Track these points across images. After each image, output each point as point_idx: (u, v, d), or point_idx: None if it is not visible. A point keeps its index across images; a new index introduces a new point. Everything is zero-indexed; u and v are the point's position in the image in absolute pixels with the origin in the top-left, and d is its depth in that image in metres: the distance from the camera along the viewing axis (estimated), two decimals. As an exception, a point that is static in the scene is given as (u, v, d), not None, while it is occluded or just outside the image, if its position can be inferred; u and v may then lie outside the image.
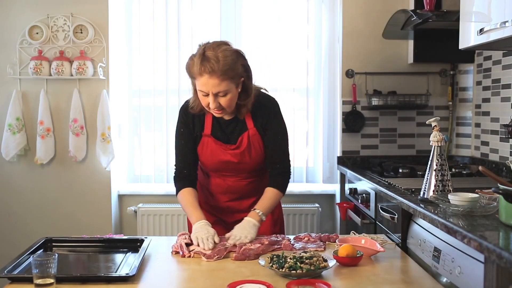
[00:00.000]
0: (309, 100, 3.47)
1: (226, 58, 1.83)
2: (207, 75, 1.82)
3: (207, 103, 1.90)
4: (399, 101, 3.24)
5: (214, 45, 1.86)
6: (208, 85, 1.84)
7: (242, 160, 2.02)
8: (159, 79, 3.45)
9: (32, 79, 3.32)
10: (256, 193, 2.09)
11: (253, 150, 2.03)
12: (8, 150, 3.30)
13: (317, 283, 1.45)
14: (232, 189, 2.10)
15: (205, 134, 2.03)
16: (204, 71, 1.82)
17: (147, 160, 3.52)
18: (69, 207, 3.41)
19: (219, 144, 2.02)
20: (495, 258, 1.20)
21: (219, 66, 1.81)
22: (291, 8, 3.44)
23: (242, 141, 2.02)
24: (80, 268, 1.76)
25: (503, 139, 2.72)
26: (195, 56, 1.87)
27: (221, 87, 1.84)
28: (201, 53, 1.83)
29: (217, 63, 1.81)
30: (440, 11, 2.73)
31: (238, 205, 2.12)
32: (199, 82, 1.86)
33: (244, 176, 2.09)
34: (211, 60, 1.81)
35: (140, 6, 3.44)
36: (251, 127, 2.02)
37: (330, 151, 3.48)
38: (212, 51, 1.83)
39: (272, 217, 2.15)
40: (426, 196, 1.83)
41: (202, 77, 1.83)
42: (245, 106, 1.98)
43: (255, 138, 2.03)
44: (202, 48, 1.86)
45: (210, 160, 2.05)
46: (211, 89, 1.84)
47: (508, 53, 2.68)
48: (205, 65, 1.81)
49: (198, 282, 1.54)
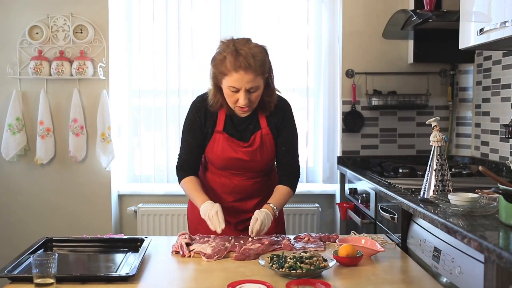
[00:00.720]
0: (309, 100, 3.47)
1: (259, 54, 1.87)
2: (243, 71, 1.83)
3: (235, 99, 1.91)
4: (399, 101, 3.24)
5: (243, 41, 1.89)
6: (243, 81, 1.85)
7: (253, 158, 2.03)
8: (159, 79, 3.45)
9: (32, 79, 3.32)
10: (261, 193, 2.11)
11: (264, 150, 2.04)
12: (8, 150, 3.30)
13: (317, 283, 1.45)
14: (238, 189, 2.10)
15: (217, 130, 2.03)
16: (240, 67, 1.83)
17: (147, 160, 3.52)
18: (69, 207, 3.41)
19: (232, 141, 2.02)
20: (495, 258, 1.20)
21: (254, 62, 1.84)
22: (291, 8, 3.44)
23: (255, 140, 2.03)
24: (80, 268, 1.76)
25: (503, 139, 2.72)
26: (225, 52, 1.86)
27: (255, 82, 1.87)
28: (234, 50, 1.84)
29: (252, 58, 1.83)
30: (440, 11, 2.73)
31: (243, 205, 2.12)
32: (232, 78, 1.86)
33: (251, 176, 2.09)
34: (246, 56, 1.83)
35: (140, 6, 3.44)
36: (264, 126, 2.04)
37: (330, 151, 3.48)
38: (245, 47, 1.85)
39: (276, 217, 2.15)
40: (426, 196, 1.83)
41: (237, 73, 1.84)
42: (272, 102, 2.02)
43: (268, 138, 2.04)
44: (232, 45, 1.86)
45: (220, 157, 2.04)
46: (245, 85, 1.86)
47: (508, 53, 2.68)
48: (241, 61, 1.82)
49: (198, 282, 1.54)
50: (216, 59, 1.90)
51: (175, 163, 2.13)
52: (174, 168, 2.14)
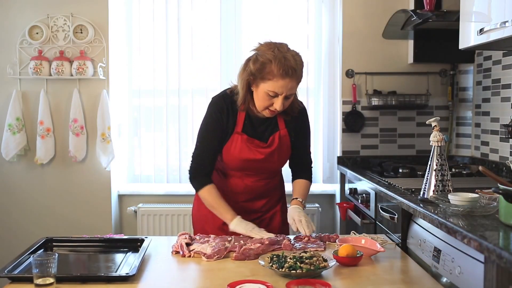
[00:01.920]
0: (309, 100, 3.47)
1: (302, 62, 1.90)
2: (289, 78, 1.84)
3: (269, 104, 1.91)
4: (399, 101, 3.25)
5: (286, 47, 1.90)
6: (287, 88, 1.86)
7: (270, 159, 2.04)
8: (159, 79, 3.45)
9: (32, 79, 3.32)
10: (269, 194, 2.15)
11: (281, 151, 2.06)
12: (8, 150, 3.30)
13: (317, 283, 1.45)
14: (250, 189, 2.11)
15: (236, 131, 2.02)
16: (287, 74, 1.83)
17: (147, 160, 3.52)
18: (69, 207, 3.41)
19: (250, 142, 2.02)
20: (495, 258, 1.20)
21: (299, 70, 1.86)
22: (291, 8, 3.44)
23: (273, 141, 2.04)
24: (80, 268, 1.76)
25: (503, 139, 2.73)
26: (269, 56, 1.84)
27: (295, 89, 1.91)
28: (282, 56, 1.84)
29: (298, 66, 1.86)
30: (440, 11, 2.73)
31: (252, 205, 2.13)
32: (276, 84, 1.85)
33: (263, 177, 2.11)
34: (294, 63, 1.84)
35: (140, 6, 3.44)
36: (282, 127, 2.06)
37: (330, 151, 3.48)
38: (289, 54, 1.86)
39: (282, 217, 2.17)
40: (426, 196, 1.83)
41: (283, 79, 1.84)
42: (295, 108, 2.05)
43: (285, 139, 2.06)
44: (276, 49, 1.85)
45: (237, 158, 2.03)
46: (288, 91, 1.87)
47: (508, 53, 2.68)
48: (289, 68, 1.83)
49: (198, 282, 1.54)
50: (258, 62, 1.86)
51: (189, 164, 2.08)
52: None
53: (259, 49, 1.90)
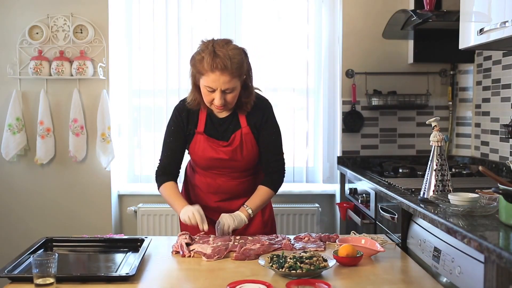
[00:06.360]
0: (309, 100, 3.47)
1: (237, 57, 1.88)
2: (219, 72, 1.85)
3: (211, 99, 1.93)
4: (399, 101, 3.25)
5: (222, 42, 1.90)
6: (219, 82, 1.87)
7: (234, 157, 2.05)
8: (159, 79, 3.45)
9: (32, 79, 3.32)
10: (247, 193, 2.11)
11: (245, 149, 2.05)
12: (8, 150, 3.29)
13: (317, 283, 1.45)
14: (223, 189, 2.12)
15: (198, 131, 2.06)
16: (216, 68, 1.85)
17: (147, 160, 3.51)
18: (69, 207, 3.41)
19: (212, 141, 2.05)
20: (495, 258, 1.20)
21: (231, 64, 1.85)
22: (291, 8, 3.44)
23: (234, 139, 2.04)
24: (80, 267, 1.76)
25: (503, 139, 2.73)
26: (203, 52, 1.88)
27: (231, 84, 1.89)
28: (212, 51, 1.86)
29: (229, 60, 1.85)
30: (440, 11, 2.74)
31: (229, 205, 2.12)
32: (208, 79, 1.88)
33: (235, 176, 2.11)
34: (223, 57, 1.84)
35: (140, 6, 3.44)
36: (244, 125, 2.06)
37: (330, 151, 3.48)
38: (223, 49, 1.86)
39: (262, 218, 2.17)
40: (426, 196, 1.83)
41: (213, 73, 1.86)
42: (249, 103, 2.03)
43: (248, 137, 2.05)
44: (211, 45, 1.88)
45: (201, 157, 2.07)
46: (221, 85, 1.88)
47: (508, 53, 2.68)
48: (218, 62, 1.84)
49: (198, 282, 1.54)
50: (195, 59, 1.92)
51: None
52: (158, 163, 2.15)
53: (199, 46, 1.94)
